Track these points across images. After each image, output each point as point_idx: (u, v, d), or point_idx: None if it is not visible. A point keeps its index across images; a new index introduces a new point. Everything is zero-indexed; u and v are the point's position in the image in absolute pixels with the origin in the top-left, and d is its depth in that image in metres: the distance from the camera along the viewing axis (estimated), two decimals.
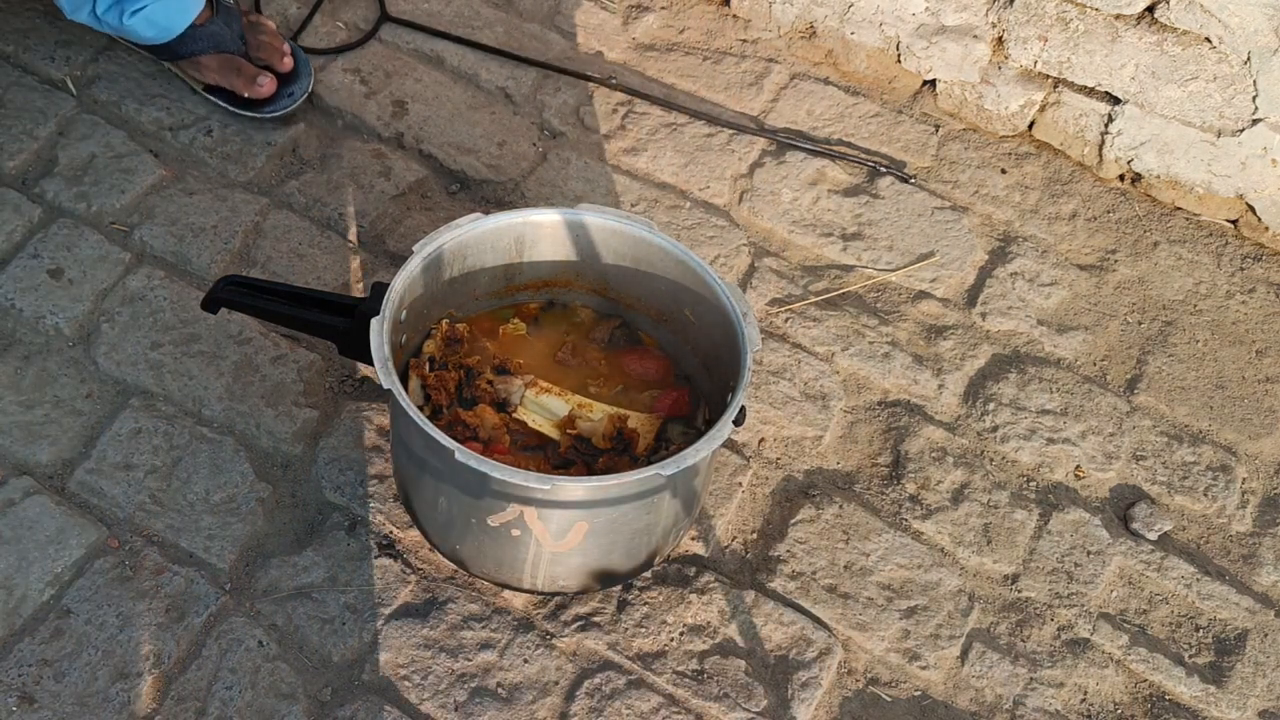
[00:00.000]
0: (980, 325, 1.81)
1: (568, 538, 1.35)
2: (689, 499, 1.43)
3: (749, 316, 1.41)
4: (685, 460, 1.29)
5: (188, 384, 1.60)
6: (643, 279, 1.54)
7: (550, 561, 1.39)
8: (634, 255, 1.52)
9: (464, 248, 1.49)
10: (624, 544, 1.40)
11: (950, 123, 2.06)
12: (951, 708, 1.47)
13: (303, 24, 2.03)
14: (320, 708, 1.38)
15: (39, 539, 1.45)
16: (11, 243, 1.70)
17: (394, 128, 1.92)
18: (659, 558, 1.47)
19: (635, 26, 2.12)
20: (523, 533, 1.34)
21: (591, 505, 1.33)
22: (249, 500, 1.51)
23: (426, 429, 1.27)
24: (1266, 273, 1.92)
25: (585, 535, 1.35)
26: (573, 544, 1.36)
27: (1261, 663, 1.54)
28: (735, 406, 1.33)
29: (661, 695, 1.43)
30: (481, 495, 1.32)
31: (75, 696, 1.36)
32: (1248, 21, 1.77)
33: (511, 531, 1.34)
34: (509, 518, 1.32)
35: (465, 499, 1.34)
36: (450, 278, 1.50)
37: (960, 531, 1.60)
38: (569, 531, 1.34)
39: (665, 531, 1.42)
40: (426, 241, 1.44)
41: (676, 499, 1.38)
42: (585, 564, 1.40)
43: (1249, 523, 1.66)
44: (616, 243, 1.52)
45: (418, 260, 1.43)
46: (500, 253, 1.53)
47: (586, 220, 1.51)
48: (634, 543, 1.40)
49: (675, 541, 1.48)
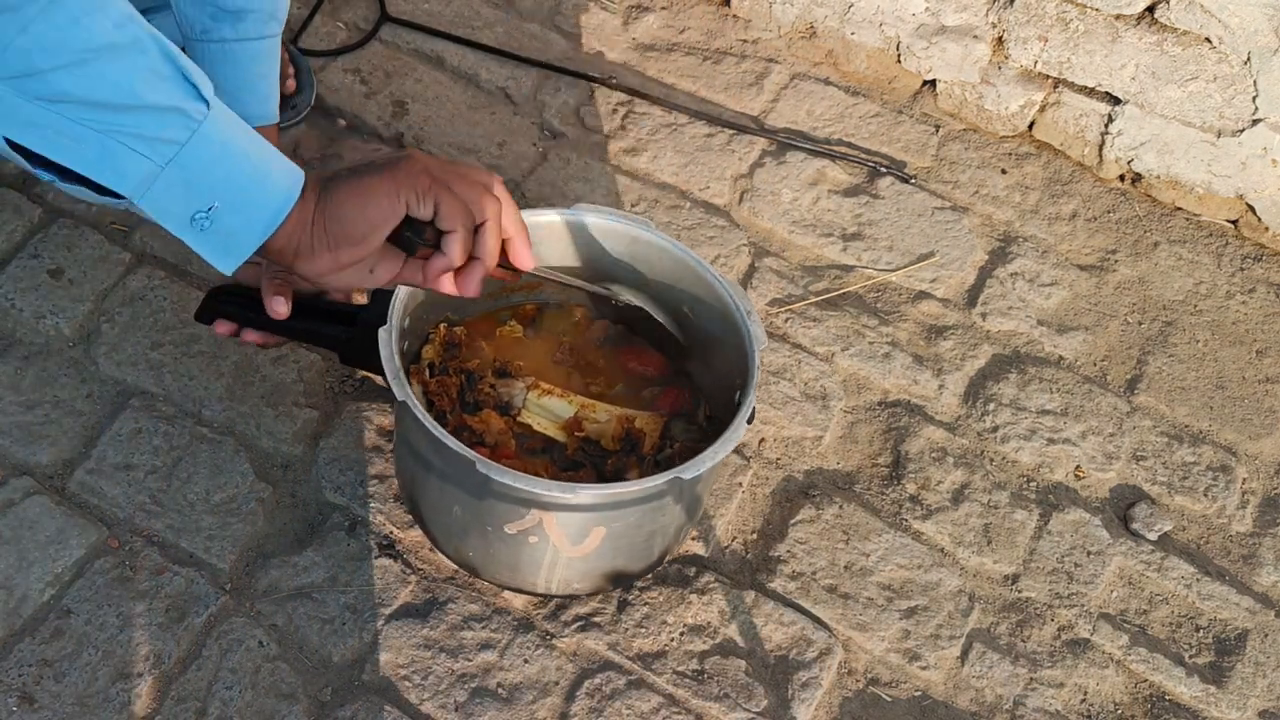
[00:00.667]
0: (980, 325, 1.81)
1: (585, 542, 1.35)
2: (698, 498, 1.43)
3: (753, 314, 1.41)
4: (704, 463, 1.29)
5: (188, 384, 1.60)
6: (641, 279, 1.54)
7: (565, 566, 1.39)
8: (631, 253, 1.52)
9: None
10: (639, 546, 1.40)
11: (950, 123, 2.06)
12: (951, 708, 1.47)
13: (303, 24, 2.03)
14: (320, 708, 1.38)
15: (39, 539, 1.45)
16: (11, 243, 1.70)
17: (394, 128, 1.92)
18: (669, 555, 1.48)
19: (635, 26, 2.12)
20: (540, 539, 1.33)
21: (610, 509, 1.32)
22: (249, 500, 1.51)
23: (447, 441, 1.25)
24: (1266, 273, 1.92)
25: (603, 539, 1.35)
26: (590, 549, 1.36)
27: (1261, 663, 1.54)
28: (748, 406, 1.33)
29: (662, 695, 1.43)
30: (500, 503, 1.31)
31: (75, 697, 1.36)
32: (1248, 21, 1.77)
33: (529, 539, 1.34)
34: (528, 525, 1.32)
35: (481, 506, 1.33)
36: None
37: (960, 532, 1.60)
38: (587, 537, 1.34)
39: (677, 530, 1.43)
40: None
41: (685, 499, 1.39)
42: (600, 567, 1.40)
43: (1249, 523, 1.66)
44: (612, 242, 1.51)
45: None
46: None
47: (585, 220, 1.51)
48: (649, 544, 1.40)
49: (683, 539, 1.49)
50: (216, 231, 0.98)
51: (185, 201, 0.96)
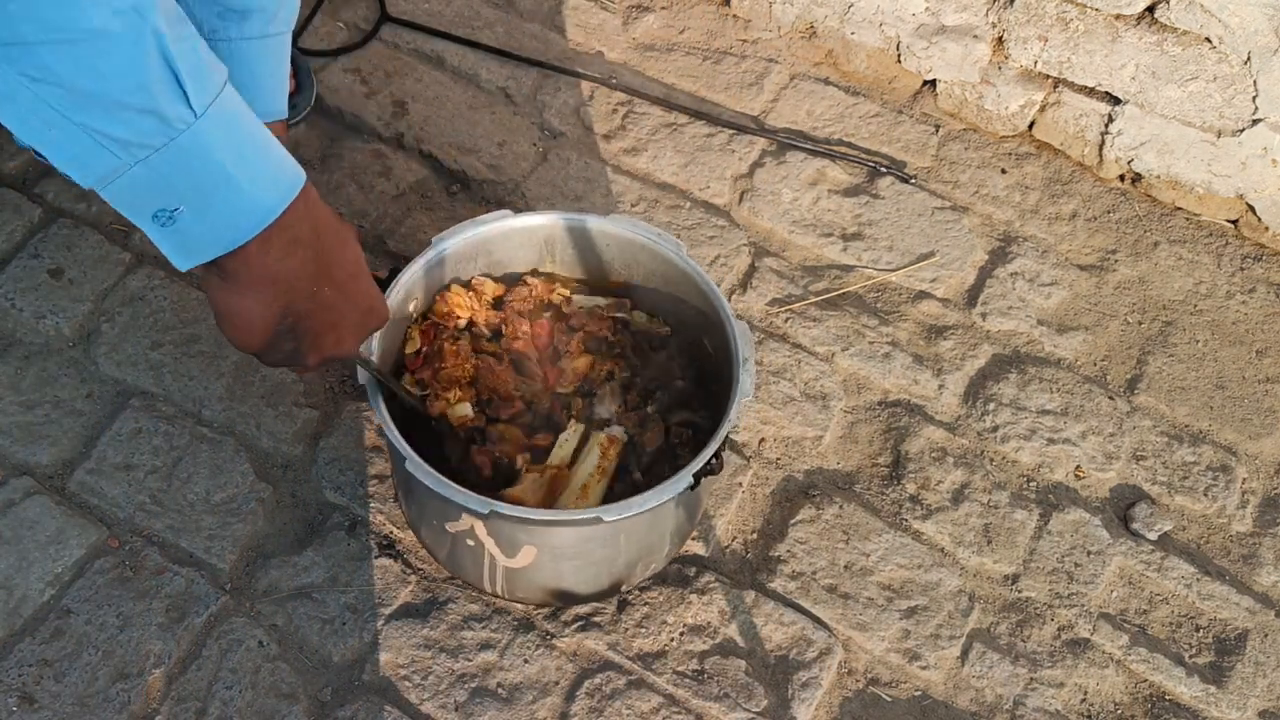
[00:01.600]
0: (980, 325, 1.81)
1: (518, 557, 1.34)
2: (655, 534, 1.40)
3: (748, 364, 1.38)
4: (630, 509, 1.26)
5: (188, 384, 1.60)
6: (656, 296, 1.54)
7: (506, 575, 1.38)
8: (664, 276, 1.51)
9: (486, 243, 1.49)
10: (581, 571, 1.39)
11: (950, 123, 2.06)
12: (951, 708, 1.47)
13: (303, 24, 2.03)
14: (320, 708, 1.38)
15: (39, 539, 1.45)
16: (11, 243, 1.70)
17: (394, 128, 1.92)
18: (625, 585, 1.46)
19: (635, 26, 2.12)
20: (476, 544, 1.34)
21: (536, 531, 1.31)
22: (249, 500, 1.51)
23: (389, 435, 1.27)
24: (1266, 273, 1.92)
25: (537, 556, 1.34)
26: (525, 563, 1.35)
27: (1261, 663, 1.54)
28: (705, 457, 1.30)
29: (661, 695, 1.43)
30: (434, 501, 1.31)
31: (75, 696, 1.36)
32: (1248, 21, 1.77)
33: (467, 541, 1.34)
34: (462, 528, 1.32)
35: (430, 502, 1.34)
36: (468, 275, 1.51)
37: (960, 531, 1.60)
38: (519, 551, 1.33)
39: (629, 563, 1.41)
40: (445, 235, 1.46)
41: (635, 538, 1.37)
42: (542, 583, 1.40)
43: (1249, 523, 1.66)
44: (647, 258, 1.51)
45: (432, 253, 1.43)
46: (528, 254, 1.53)
47: (611, 230, 1.51)
48: (592, 571, 1.40)
49: (644, 572, 1.46)
50: (177, 231, 0.95)
51: (148, 199, 0.93)
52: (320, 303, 1.02)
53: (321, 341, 1.05)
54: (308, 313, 1.02)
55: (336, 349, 1.07)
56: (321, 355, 1.07)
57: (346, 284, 1.04)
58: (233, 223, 0.95)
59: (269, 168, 0.98)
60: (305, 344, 1.05)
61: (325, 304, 1.03)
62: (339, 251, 1.03)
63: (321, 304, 1.02)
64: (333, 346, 1.07)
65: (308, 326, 1.03)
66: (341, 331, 1.07)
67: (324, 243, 1.01)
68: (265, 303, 0.99)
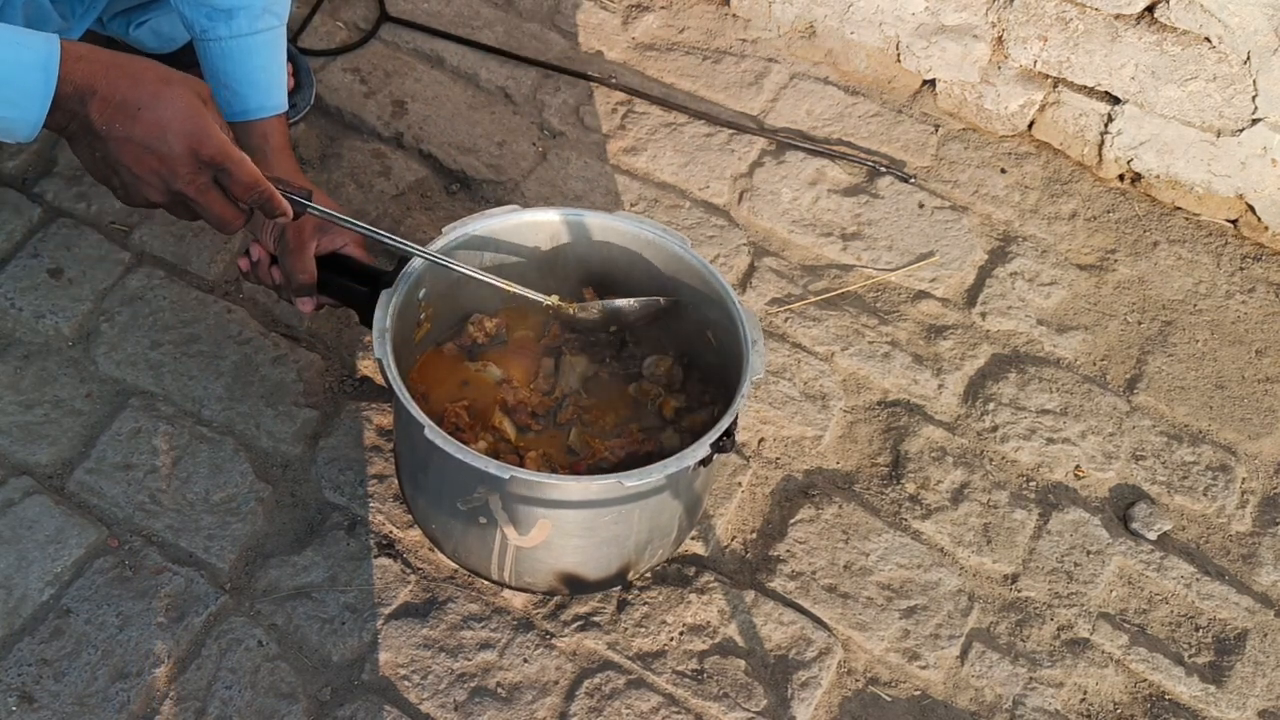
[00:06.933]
0: (980, 325, 1.81)
1: (532, 534, 1.35)
2: (666, 514, 1.41)
3: (758, 345, 1.40)
4: (649, 474, 1.28)
5: (188, 384, 1.60)
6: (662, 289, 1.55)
7: (516, 557, 1.39)
8: (668, 267, 1.52)
9: (494, 237, 1.49)
10: (592, 551, 1.39)
11: (950, 122, 2.06)
12: (951, 707, 1.47)
13: (303, 24, 2.03)
14: (320, 708, 1.38)
15: (39, 539, 1.45)
16: (11, 243, 1.70)
17: (394, 127, 1.92)
18: (632, 572, 1.46)
19: (635, 26, 2.12)
20: (489, 521, 1.34)
21: (554, 504, 1.32)
22: (249, 500, 1.52)
23: (407, 405, 1.28)
24: (1266, 272, 1.92)
25: (550, 534, 1.35)
26: (538, 541, 1.35)
27: (1261, 662, 1.54)
28: (719, 430, 1.31)
29: (661, 695, 1.43)
30: (451, 474, 1.32)
31: (75, 696, 1.36)
32: (1248, 21, 1.77)
33: (479, 519, 1.34)
34: (476, 503, 1.33)
35: (439, 478, 1.35)
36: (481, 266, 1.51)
37: (960, 531, 1.60)
38: (533, 528, 1.34)
39: (639, 545, 1.41)
40: (454, 226, 1.47)
41: (648, 514, 1.37)
42: (552, 565, 1.40)
43: (1249, 523, 1.66)
44: (654, 253, 1.52)
45: (442, 243, 1.44)
46: (535, 247, 1.53)
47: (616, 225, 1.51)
48: (603, 551, 1.40)
49: (652, 559, 1.47)
50: None
51: None
52: (129, 135, 1.15)
53: (143, 170, 1.17)
54: (120, 149, 1.16)
55: (166, 172, 1.17)
56: (160, 188, 1.18)
57: (145, 114, 1.15)
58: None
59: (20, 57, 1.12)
60: (127, 177, 1.18)
61: (133, 136, 1.15)
62: (129, 90, 1.15)
63: (131, 137, 1.15)
64: (160, 171, 1.17)
65: (124, 160, 1.16)
66: (163, 155, 1.16)
67: (111, 87, 1.14)
68: (82, 151, 1.17)
